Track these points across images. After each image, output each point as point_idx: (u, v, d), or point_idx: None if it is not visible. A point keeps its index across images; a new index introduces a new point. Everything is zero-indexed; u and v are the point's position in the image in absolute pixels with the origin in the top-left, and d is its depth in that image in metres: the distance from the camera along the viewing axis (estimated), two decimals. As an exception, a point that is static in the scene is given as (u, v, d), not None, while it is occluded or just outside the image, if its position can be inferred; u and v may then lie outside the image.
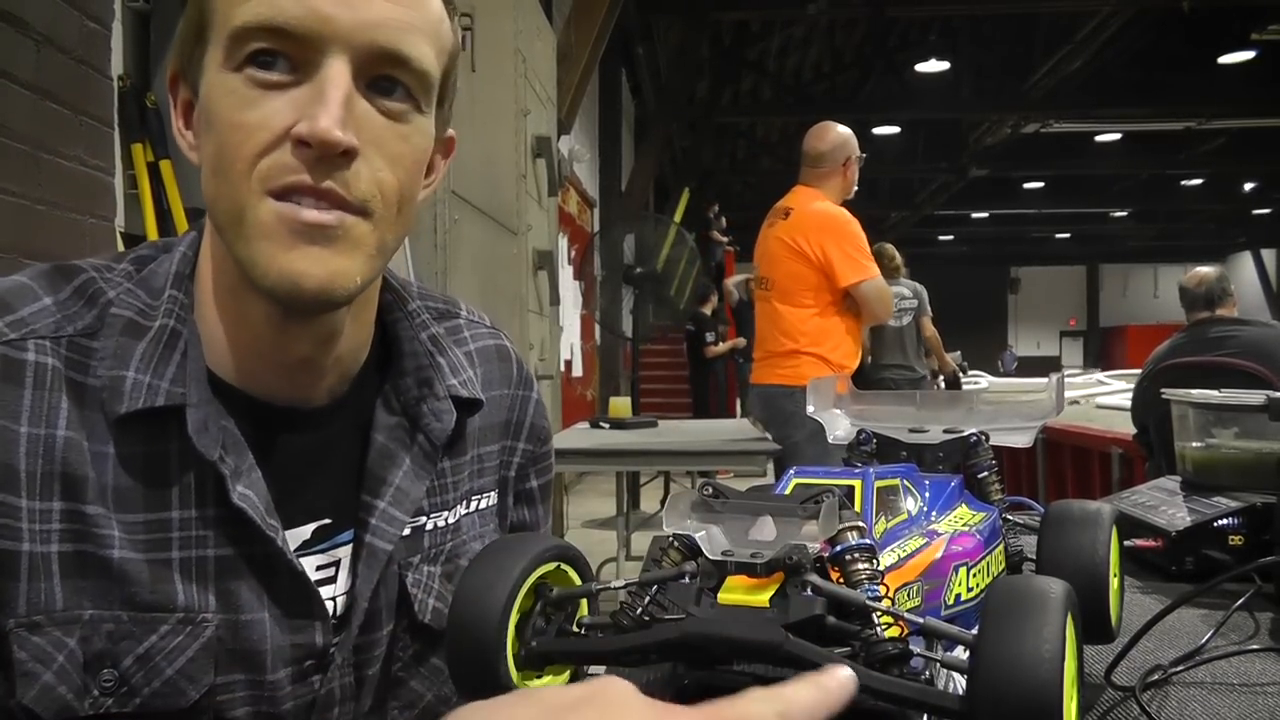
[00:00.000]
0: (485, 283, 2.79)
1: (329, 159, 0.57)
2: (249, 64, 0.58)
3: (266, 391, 0.67)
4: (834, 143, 3.16)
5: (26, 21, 1.89)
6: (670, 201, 10.13)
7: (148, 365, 0.62)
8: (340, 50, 0.57)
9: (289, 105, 0.57)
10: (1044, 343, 25.39)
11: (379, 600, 0.69)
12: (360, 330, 0.70)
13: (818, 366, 3.02)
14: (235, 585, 0.63)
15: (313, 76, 0.58)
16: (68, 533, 0.60)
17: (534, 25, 3.48)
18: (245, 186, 0.58)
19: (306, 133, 0.56)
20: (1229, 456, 1.05)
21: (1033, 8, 9.01)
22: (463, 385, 0.74)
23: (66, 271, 0.65)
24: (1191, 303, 3.26)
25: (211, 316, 0.66)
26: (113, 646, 0.60)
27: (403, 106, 0.61)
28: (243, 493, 0.62)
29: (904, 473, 0.64)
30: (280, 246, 0.58)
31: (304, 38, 0.57)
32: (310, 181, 0.57)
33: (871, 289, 3.03)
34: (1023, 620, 0.40)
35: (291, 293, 0.59)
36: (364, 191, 0.59)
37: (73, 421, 0.61)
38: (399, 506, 0.69)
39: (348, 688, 0.68)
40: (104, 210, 2.18)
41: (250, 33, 0.57)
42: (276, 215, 0.58)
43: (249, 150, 0.57)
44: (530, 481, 0.84)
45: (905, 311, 5.99)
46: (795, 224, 3.09)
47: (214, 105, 0.59)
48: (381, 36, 0.58)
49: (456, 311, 0.82)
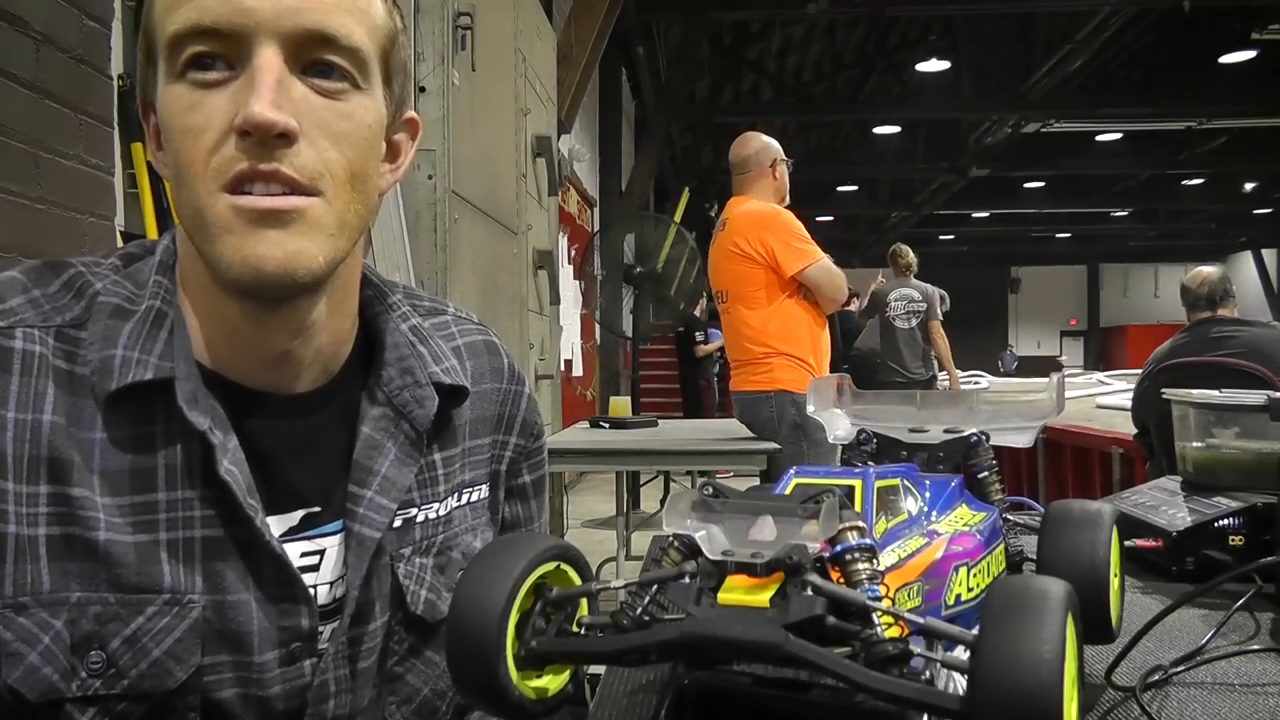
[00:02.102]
0: (485, 283, 2.79)
1: (269, 142, 0.59)
2: (189, 69, 0.60)
3: (245, 379, 0.68)
4: (756, 147, 3.24)
5: (26, 21, 1.89)
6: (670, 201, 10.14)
7: (135, 343, 0.63)
8: (268, 38, 0.59)
9: (228, 100, 0.59)
10: (1044, 343, 25.37)
11: (372, 592, 0.70)
12: (340, 322, 0.71)
13: (790, 367, 3.06)
14: (221, 567, 0.64)
15: (246, 69, 0.59)
16: (55, 516, 0.60)
17: (534, 25, 3.48)
18: (202, 187, 0.60)
19: (241, 120, 0.58)
20: (1229, 457, 1.05)
21: (1033, 8, 9.02)
22: (445, 373, 0.74)
23: (56, 266, 0.67)
24: (1193, 303, 3.26)
25: (191, 312, 0.67)
26: (100, 628, 0.61)
27: (339, 85, 0.62)
28: (228, 467, 0.63)
29: (904, 473, 0.64)
30: (239, 237, 0.60)
31: (232, 33, 0.59)
32: (260, 166, 0.59)
33: (819, 271, 3.07)
34: (1023, 620, 0.40)
35: (255, 279, 0.60)
36: (311, 171, 0.61)
37: (59, 407, 0.62)
38: (386, 495, 0.70)
39: (342, 680, 0.68)
40: (104, 209, 2.18)
41: (183, 39, 0.59)
42: (232, 208, 0.60)
43: (200, 151, 0.60)
44: (523, 476, 0.85)
45: (913, 314, 5.96)
46: (733, 229, 3.15)
47: (167, 117, 0.61)
48: (306, 20, 0.60)
49: (444, 309, 0.83)
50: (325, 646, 0.68)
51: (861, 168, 15.41)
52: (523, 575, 0.50)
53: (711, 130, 11.85)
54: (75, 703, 0.61)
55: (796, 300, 3.10)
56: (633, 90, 9.89)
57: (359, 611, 0.69)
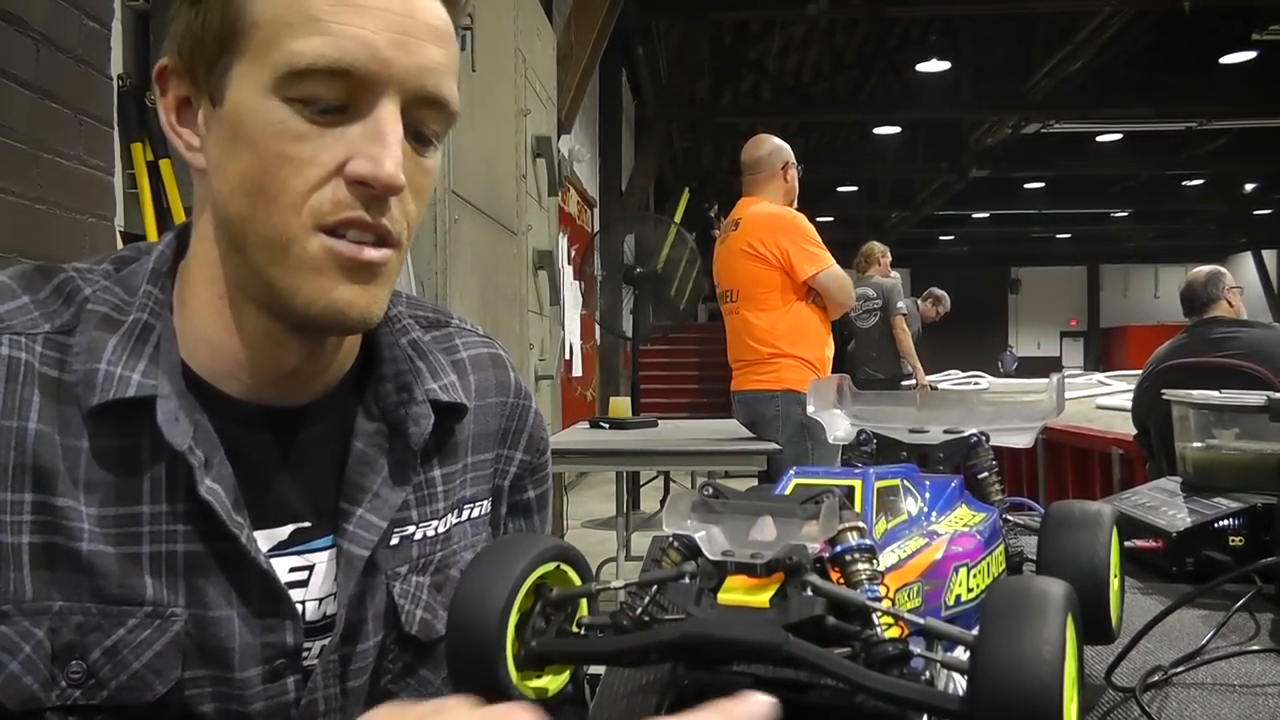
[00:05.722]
0: (485, 283, 2.79)
1: (383, 198, 0.60)
2: (300, 97, 0.58)
3: (243, 392, 0.67)
4: (769, 149, 3.27)
5: (26, 21, 1.89)
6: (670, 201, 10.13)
7: (119, 358, 0.62)
8: (394, 92, 0.59)
9: (340, 142, 0.59)
10: (1044, 343, 25.36)
11: (365, 610, 0.69)
12: (348, 340, 0.70)
13: (796, 368, 3.08)
14: (203, 582, 0.63)
15: (364, 115, 0.59)
16: (38, 524, 0.60)
17: (534, 25, 3.48)
18: (295, 220, 0.59)
19: (369, 174, 0.58)
20: (1229, 457, 1.05)
21: (1033, 8, 9.01)
22: (443, 390, 0.73)
23: (46, 272, 0.66)
24: (1192, 304, 3.26)
25: (198, 318, 0.66)
26: (81, 639, 0.60)
27: (431, 146, 0.64)
28: (210, 486, 0.62)
29: (904, 473, 0.64)
30: (330, 279, 0.60)
31: (363, 79, 0.58)
32: (368, 219, 0.60)
33: (830, 278, 3.10)
34: (1023, 621, 0.40)
35: (334, 322, 0.62)
36: (400, 225, 0.62)
37: (45, 415, 0.61)
38: (377, 513, 0.68)
39: (332, 699, 0.67)
40: (104, 210, 2.18)
41: (314, 73, 0.57)
42: (327, 250, 0.60)
43: (300, 184, 0.59)
44: (527, 492, 0.83)
45: (870, 313, 5.89)
46: (747, 230, 3.16)
47: (255, 130, 0.59)
48: (430, 81, 0.61)
49: (447, 320, 0.81)
50: (313, 664, 0.67)
51: (861, 168, 15.40)
52: (523, 575, 0.50)
53: (711, 131, 11.86)
54: (55, 712, 0.60)
55: (807, 304, 3.13)
56: (633, 91, 9.89)
57: (349, 630, 0.68)
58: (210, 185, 0.63)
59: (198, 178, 0.65)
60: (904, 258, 5.98)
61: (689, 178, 11.52)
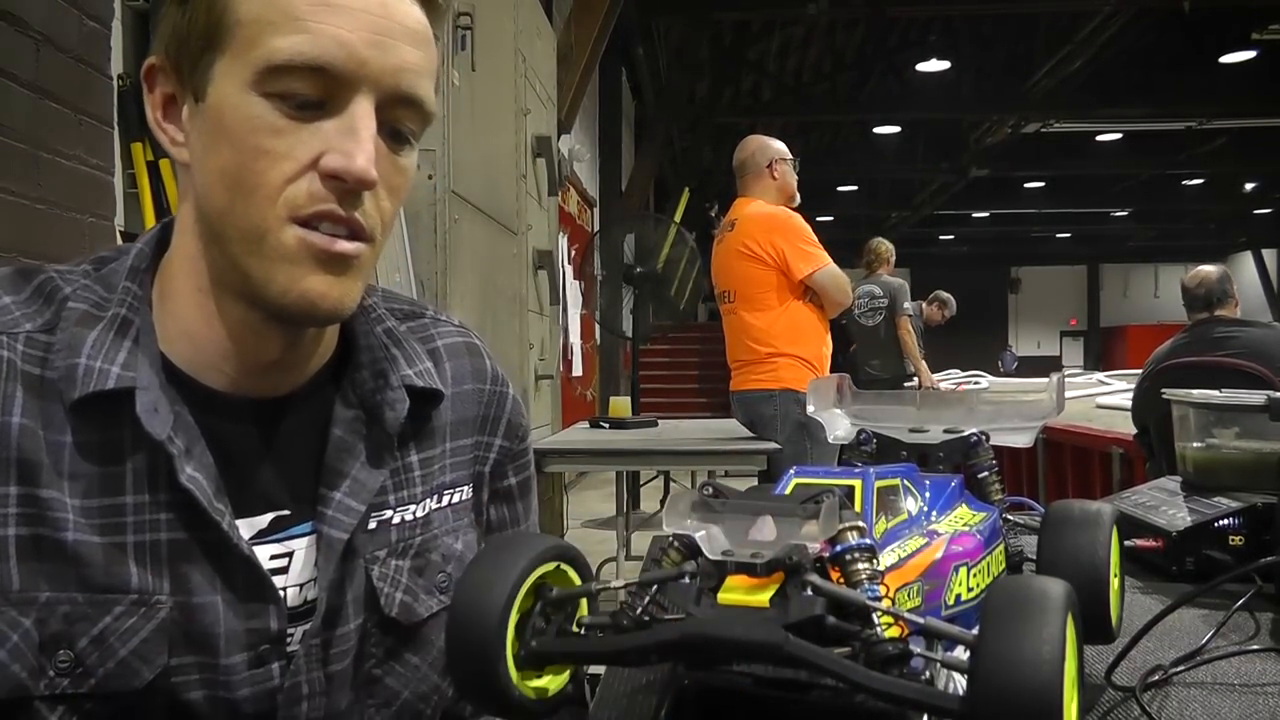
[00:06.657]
0: (485, 283, 2.79)
1: (355, 191, 0.61)
2: (278, 92, 0.60)
3: (225, 384, 0.68)
4: (752, 149, 3.28)
5: (26, 21, 1.89)
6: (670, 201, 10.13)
7: (99, 352, 0.64)
8: (369, 91, 0.61)
9: (316, 137, 0.60)
10: (1044, 343, 25.36)
11: (345, 594, 0.70)
12: (327, 331, 0.72)
13: (794, 368, 3.08)
14: (187, 569, 0.64)
15: (339, 111, 0.61)
16: (24, 516, 0.61)
17: (534, 25, 3.48)
18: (271, 212, 0.61)
19: (341, 168, 0.60)
20: (1229, 457, 1.05)
21: (1033, 8, 9.01)
22: (418, 376, 0.75)
23: (27, 273, 0.68)
24: (1192, 303, 3.27)
25: (180, 311, 0.67)
26: (68, 628, 0.61)
27: (405, 145, 0.66)
28: (191, 474, 0.63)
29: (904, 473, 0.64)
30: (302, 270, 0.62)
31: (339, 77, 0.60)
32: (341, 212, 0.61)
33: (826, 276, 3.10)
34: (1023, 620, 0.40)
35: (306, 312, 0.63)
36: (373, 220, 0.64)
37: (28, 411, 0.62)
38: (355, 497, 0.70)
39: (315, 683, 0.68)
40: (104, 209, 2.18)
41: (292, 69, 0.59)
42: (300, 241, 0.61)
43: (275, 177, 0.60)
44: (508, 479, 0.85)
45: (875, 311, 5.90)
46: (742, 230, 3.17)
47: (234, 124, 0.61)
48: (404, 81, 0.62)
49: (423, 311, 0.83)
50: (295, 649, 0.68)
51: (861, 168, 15.40)
52: (523, 575, 0.50)
53: (712, 131, 11.85)
54: (44, 701, 0.61)
55: (804, 303, 3.13)
56: (633, 91, 9.89)
57: (330, 614, 0.69)
58: (193, 179, 0.65)
59: (181, 172, 0.67)
60: (904, 257, 5.96)
61: (689, 178, 11.51)
